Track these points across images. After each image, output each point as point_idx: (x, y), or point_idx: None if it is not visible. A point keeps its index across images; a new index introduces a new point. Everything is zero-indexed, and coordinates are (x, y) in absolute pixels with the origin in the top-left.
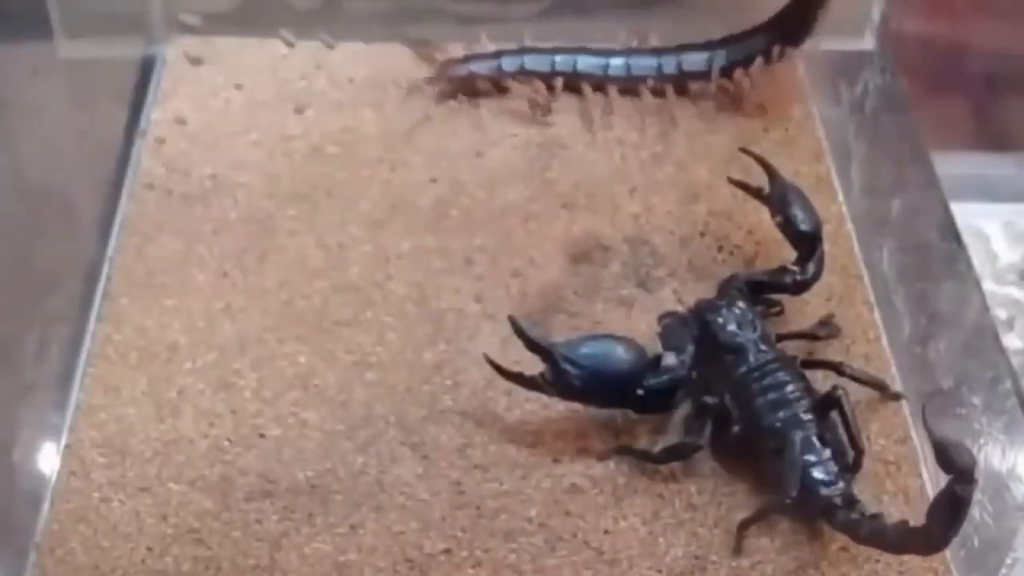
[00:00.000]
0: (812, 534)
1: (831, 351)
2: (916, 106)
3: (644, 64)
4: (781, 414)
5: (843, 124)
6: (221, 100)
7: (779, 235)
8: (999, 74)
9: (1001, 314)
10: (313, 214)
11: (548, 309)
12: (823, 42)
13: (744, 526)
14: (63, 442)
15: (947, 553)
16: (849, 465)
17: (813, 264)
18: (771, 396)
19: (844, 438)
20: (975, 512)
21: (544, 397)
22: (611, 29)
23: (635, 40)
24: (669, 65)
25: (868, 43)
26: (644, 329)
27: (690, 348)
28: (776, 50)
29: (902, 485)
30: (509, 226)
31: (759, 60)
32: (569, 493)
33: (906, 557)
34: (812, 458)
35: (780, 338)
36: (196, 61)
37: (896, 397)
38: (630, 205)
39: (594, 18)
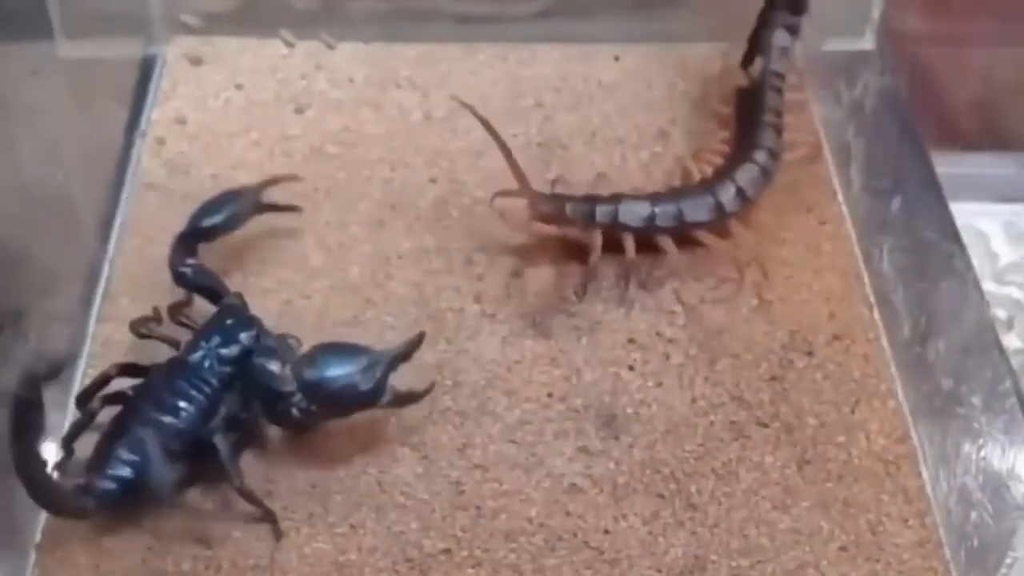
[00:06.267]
0: (812, 533)
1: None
2: (916, 106)
3: None
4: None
5: (843, 124)
6: (221, 100)
7: (779, 234)
8: (998, 74)
9: (1001, 314)
10: (313, 214)
11: (548, 309)
12: (823, 42)
13: None
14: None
15: (947, 553)
16: None
17: None
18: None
19: None
20: (975, 512)
21: (544, 396)
22: (611, 30)
23: None
24: None
25: (868, 43)
26: (644, 329)
27: None
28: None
29: (902, 485)
30: (509, 226)
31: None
32: (569, 493)
33: (906, 556)
34: None
35: None
36: (196, 61)
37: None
38: None
39: (594, 18)
